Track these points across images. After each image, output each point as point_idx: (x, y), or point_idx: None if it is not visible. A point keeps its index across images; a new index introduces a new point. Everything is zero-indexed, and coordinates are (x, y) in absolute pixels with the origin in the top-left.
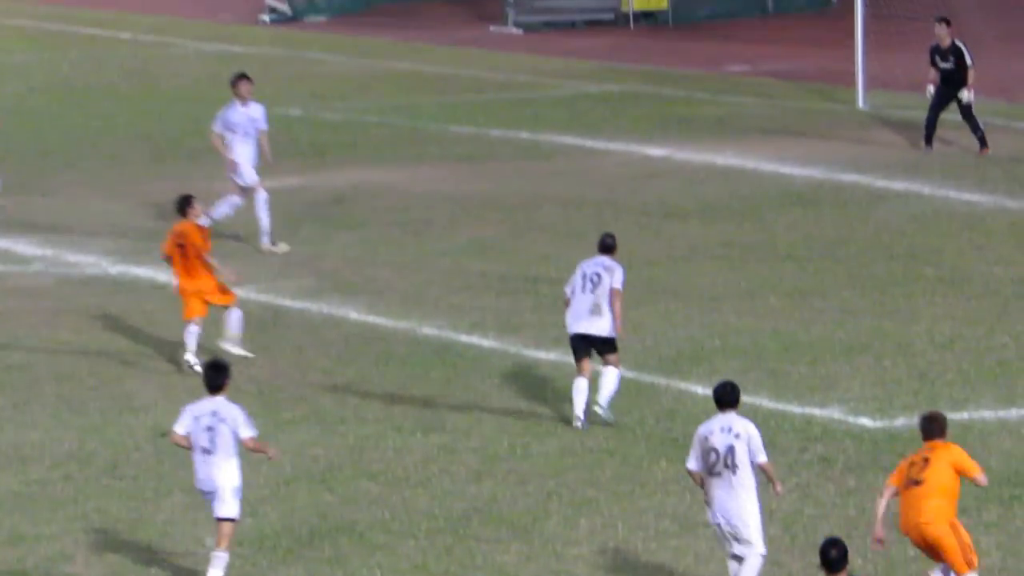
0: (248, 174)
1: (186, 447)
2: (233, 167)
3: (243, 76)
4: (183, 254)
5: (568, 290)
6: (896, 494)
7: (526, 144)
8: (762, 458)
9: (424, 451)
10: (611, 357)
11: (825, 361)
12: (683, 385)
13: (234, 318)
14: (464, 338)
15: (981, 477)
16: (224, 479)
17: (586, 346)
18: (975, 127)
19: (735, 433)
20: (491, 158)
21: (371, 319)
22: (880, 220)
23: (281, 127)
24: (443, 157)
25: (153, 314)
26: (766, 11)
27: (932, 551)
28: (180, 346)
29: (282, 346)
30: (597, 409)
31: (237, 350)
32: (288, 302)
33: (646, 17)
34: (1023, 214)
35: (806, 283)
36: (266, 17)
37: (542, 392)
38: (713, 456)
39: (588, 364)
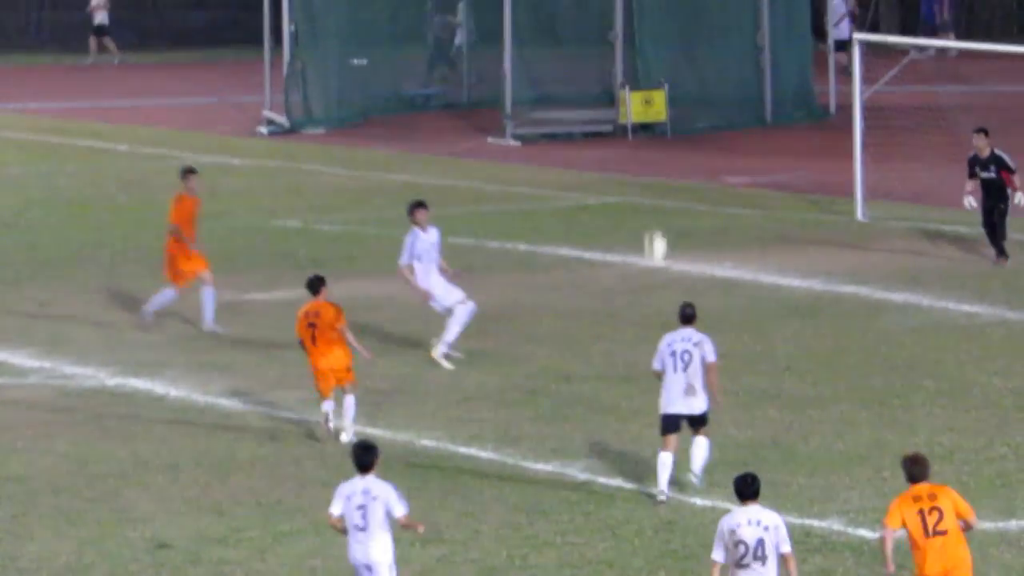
0: (446, 295)
1: (340, 529)
2: (429, 296)
3: (421, 204)
4: (314, 333)
5: (657, 365)
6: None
7: (524, 256)
8: (786, 548)
9: (423, 562)
10: (702, 430)
11: (824, 472)
12: (682, 496)
13: (348, 404)
14: (462, 449)
15: (974, 520)
16: (379, 555)
17: (677, 423)
18: (1004, 235)
19: (764, 526)
20: (489, 270)
21: (369, 430)
22: (879, 331)
23: (279, 239)
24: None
25: (151, 426)
26: (765, 123)
27: None
28: (179, 457)
29: (281, 458)
30: (692, 478)
31: (348, 436)
32: (286, 413)
33: (645, 129)
34: (1023, 325)
35: (805, 394)
36: (264, 129)
37: (541, 503)
38: (742, 549)
39: (675, 440)
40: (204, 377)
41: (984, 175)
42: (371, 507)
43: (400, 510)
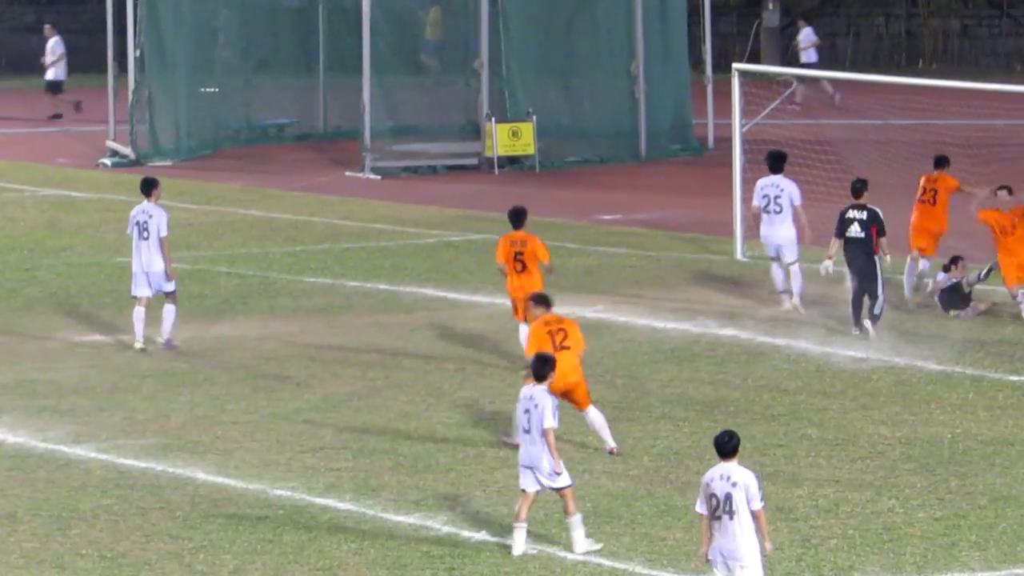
0: (792, 251)
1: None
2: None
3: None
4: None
5: None
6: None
7: (384, 296)
8: (756, 505)
9: None
10: None
11: None
12: (552, 551)
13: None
14: (319, 500)
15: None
16: (540, 459)
17: None
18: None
19: (733, 482)
20: (347, 311)
21: (220, 480)
22: (760, 378)
23: (124, 276)
24: (296, 309)
25: None
26: (639, 157)
27: (570, 395)
28: (16, 507)
29: (125, 509)
30: None
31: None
32: (131, 461)
33: (511, 162)
34: (910, 372)
35: (681, 444)
36: (107, 161)
37: (402, 558)
38: (714, 502)
39: None
40: (43, 422)
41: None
42: (533, 413)
43: (548, 423)
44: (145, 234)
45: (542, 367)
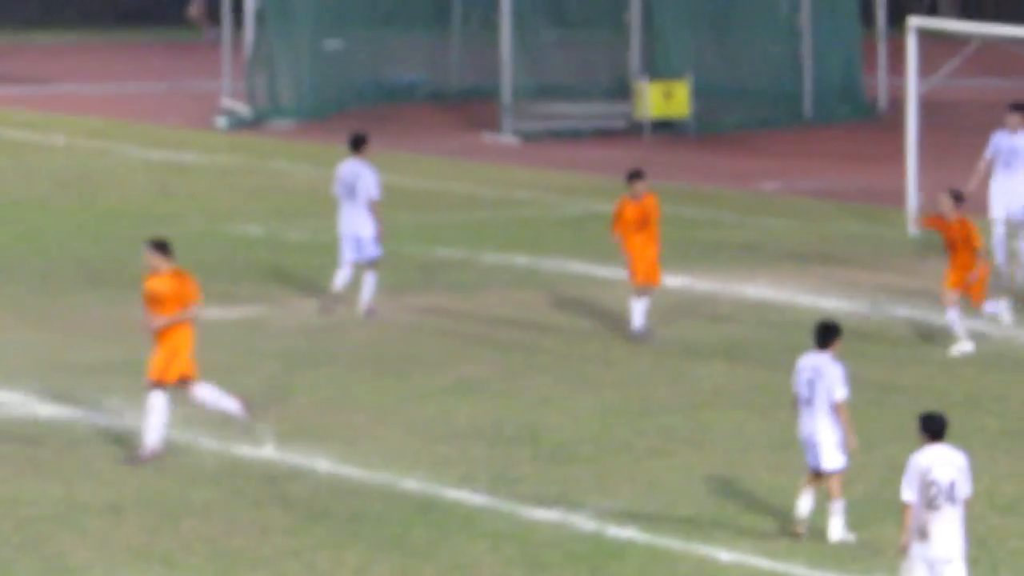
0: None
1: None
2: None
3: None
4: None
5: None
6: None
7: (524, 271)
8: (970, 490)
9: None
10: None
11: (869, 524)
12: (704, 550)
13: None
14: (451, 493)
15: None
16: (823, 433)
17: None
18: None
19: (957, 467)
20: (483, 286)
21: (343, 471)
22: (935, 362)
23: (239, 247)
24: (427, 285)
25: (91, 462)
26: (803, 120)
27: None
28: (122, 499)
29: (239, 502)
30: None
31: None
32: (246, 450)
33: (664, 126)
34: None
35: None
36: (222, 121)
37: (541, 557)
38: (935, 489)
39: None
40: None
41: None
42: (817, 384)
43: (839, 394)
44: (353, 194)
45: (825, 333)
